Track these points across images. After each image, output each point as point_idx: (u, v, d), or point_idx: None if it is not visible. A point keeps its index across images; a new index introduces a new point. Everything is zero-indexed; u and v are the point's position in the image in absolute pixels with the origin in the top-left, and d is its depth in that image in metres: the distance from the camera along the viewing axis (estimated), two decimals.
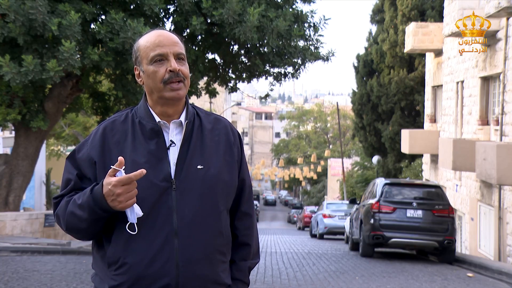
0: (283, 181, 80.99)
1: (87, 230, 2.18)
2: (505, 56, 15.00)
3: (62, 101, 13.61)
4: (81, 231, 2.19)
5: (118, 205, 2.06)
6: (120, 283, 2.16)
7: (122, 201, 2.05)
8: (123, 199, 2.05)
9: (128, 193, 2.05)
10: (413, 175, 26.45)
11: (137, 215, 2.10)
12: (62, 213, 2.20)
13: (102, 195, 2.07)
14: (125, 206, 2.07)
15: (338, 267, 11.91)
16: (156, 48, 2.20)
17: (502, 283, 10.71)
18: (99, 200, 2.08)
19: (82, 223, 2.15)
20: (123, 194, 2.05)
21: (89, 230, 2.18)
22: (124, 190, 2.04)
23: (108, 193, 2.06)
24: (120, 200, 2.05)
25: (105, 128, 2.26)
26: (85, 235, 2.23)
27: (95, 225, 2.16)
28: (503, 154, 13.26)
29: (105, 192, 2.06)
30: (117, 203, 2.06)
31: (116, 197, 2.05)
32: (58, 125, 25.07)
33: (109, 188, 2.05)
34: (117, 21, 11.00)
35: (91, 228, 2.17)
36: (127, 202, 2.06)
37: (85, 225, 2.15)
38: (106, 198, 2.07)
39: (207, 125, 2.30)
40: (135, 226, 2.12)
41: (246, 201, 2.39)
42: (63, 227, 2.23)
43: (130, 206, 2.08)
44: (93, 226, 2.16)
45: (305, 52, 13.14)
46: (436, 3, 26.91)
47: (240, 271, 2.36)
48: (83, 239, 2.27)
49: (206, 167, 2.22)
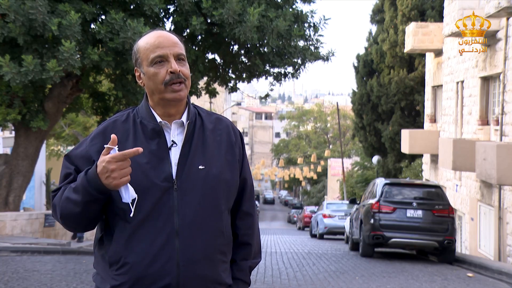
0: (283, 181, 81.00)
1: (81, 215, 2.15)
2: (505, 56, 15.00)
3: (62, 101, 13.61)
4: (75, 216, 2.16)
5: (113, 182, 2.05)
6: (121, 283, 2.16)
7: (116, 177, 2.04)
8: (117, 175, 2.04)
9: (122, 169, 2.04)
10: (413, 175, 26.45)
11: (131, 196, 2.09)
12: (58, 201, 2.19)
13: (96, 174, 2.06)
14: (119, 183, 2.06)
15: (338, 267, 11.91)
16: (156, 49, 2.19)
17: (502, 283, 10.71)
18: (93, 179, 2.07)
19: (76, 207, 2.13)
20: (117, 171, 2.04)
21: (83, 216, 2.15)
22: (118, 167, 2.04)
23: (102, 171, 2.05)
24: (114, 177, 2.04)
25: (106, 128, 2.26)
26: (79, 223, 2.19)
27: (89, 210, 2.14)
28: (503, 154, 13.26)
29: (99, 170, 2.05)
30: (111, 180, 2.05)
31: (110, 173, 2.04)
32: (58, 125, 25.07)
33: (103, 165, 2.04)
34: (117, 21, 11.00)
35: (85, 213, 2.14)
36: (121, 179, 2.05)
37: (78, 209, 2.13)
38: (100, 177, 2.06)
39: (208, 125, 2.30)
40: (130, 206, 2.11)
41: (247, 200, 2.39)
42: (58, 216, 2.20)
43: (124, 183, 2.07)
44: (87, 211, 2.13)
45: (305, 52, 13.15)
46: (436, 3, 26.91)
47: (241, 271, 2.36)
48: (77, 228, 2.24)
49: (208, 167, 2.22)
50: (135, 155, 2.05)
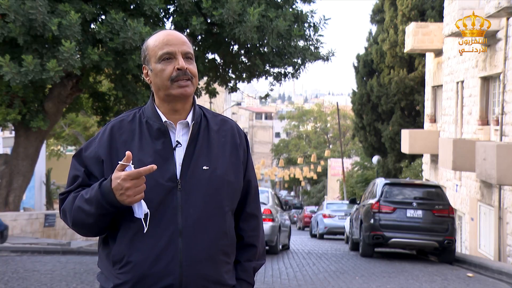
0: (283, 181, 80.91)
1: (93, 225, 2.18)
2: (505, 56, 15.00)
3: (62, 101, 13.61)
4: (87, 226, 2.19)
5: (126, 199, 2.07)
6: (124, 282, 2.16)
7: (130, 195, 2.06)
8: (132, 193, 2.06)
9: (137, 187, 2.06)
10: (413, 175, 26.45)
11: (144, 211, 2.11)
12: (69, 208, 2.20)
13: (110, 189, 2.08)
14: (133, 201, 2.07)
15: (338, 267, 11.91)
16: (165, 46, 2.22)
17: (502, 283, 10.71)
18: (107, 194, 2.09)
19: (88, 218, 2.15)
20: (132, 189, 2.05)
21: (95, 225, 2.18)
22: (133, 185, 2.05)
23: (116, 187, 2.06)
24: (128, 194, 2.06)
25: (112, 127, 2.26)
26: (91, 231, 2.22)
27: (101, 221, 2.16)
28: (503, 154, 13.26)
29: (114, 186, 2.07)
30: (125, 197, 2.06)
31: (125, 191, 2.05)
32: (58, 125, 25.06)
33: (118, 182, 2.05)
34: (117, 21, 11.00)
35: (97, 223, 2.17)
36: (135, 197, 2.07)
37: (91, 220, 2.15)
38: (114, 192, 2.07)
39: (213, 126, 2.31)
40: (142, 222, 2.12)
41: (252, 202, 2.40)
42: (69, 222, 2.23)
43: (137, 201, 2.09)
44: (99, 221, 2.16)
45: (305, 52, 13.15)
46: (436, 3, 26.91)
47: (245, 272, 2.36)
48: (88, 235, 2.26)
49: (212, 168, 2.23)
50: (150, 172, 2.06)
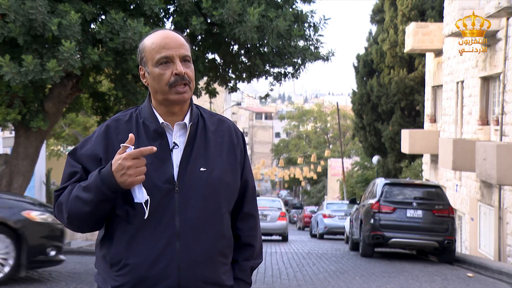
0: (283, 181, 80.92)
1: (90, 215, 2.14)
2: (505, 56, 15.00)
3: (62, 101, 13.60)
4: (83, 216, 2.14)
5: (128, 179, 2.05)
6: (122, 284, 2.16)
7: (131, 175, 2.04)
8: (133, 172, 2.04)
9: (137, 167, 2.05)
10: (413, 175, 26.45)
11: (144, 197, 2.09)
12: (65, 200, 2.17)
13: (111, 172, 2.06)
14: (134, 181, 2.05)
15: (338, 267, 11.92)
16: (162, 50, 2.19)
17: (502, 283, 10.71)
18: (107, 178, 2.07)
19: (86, 206, 2.11)
20: (133, 168, 2.04)
21: (92, 216, 2.14)
22: (134, 164, 2.04)
23: (117, 168, 2.05)
24: (129, 174, 2.04)
25: (109, 127, 2.25)
26: (87, 223, 2.18)
27: (99, 209, 2.13)
28: (503, 154, 13.27)
29: (115, 168, 2.05)
30: (126, 177, 2.04)
31: (126, 170, 2.04)
32: (58, 125, 25.05)
33: (119, 162, 2.05)
34: (117, 21, 10.99)
35: (94, 212, 2.13)
36: (136, 178, 2.05)
37: (89, 209, 2.12)
38: (114, 175, 2.05)
39: (210, 126, 2.30)
40: (143, 206, 2.10)
41: (249, 202, 2.39)
42: (64, 216, 2.18)
43: (139, 182, 2.07)
44: (97, 210, 2.13)
45: (305, 52, 13.13)
46: (436, 3, 26.91)
47: (243, 271, 2.36)
48: (84, 228, 2.22)
49: (210, 169, 2.22)
50: (150, 153, 2.06)
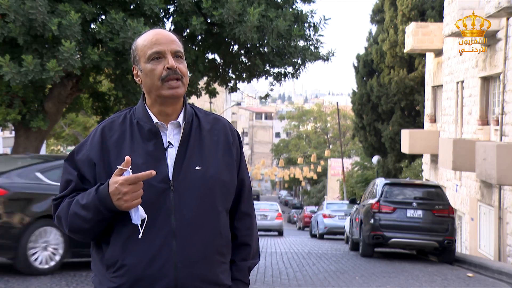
0: (283, 181, 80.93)
1: (90, 230, 2.17)
2: (505, 56, 15.00)
3: (62, 101, 13.60)
4: (84, 232, 2.19)
5: (124, 204, 2.06)
6: (118, 285, 2.15)
7: (128, 200, 2.05)
8: (129, 198, 2.05)
9: (134, 192, 2.05)
10: (413, 175, 26.45)
11: (141, 216, 2.10)
12: (64, 215, 2.19)
13: (107, 193, 2.07)
14: (130, 206, 2.07)
15: (338, 267, 11.91)
16: (153, 46, 2.20)
17: (502, 283, 10.71)
18: (104, 199, 2.08)
19: (85, 224, 2.14)
20: (129, 193, 2.05)
21: (92, 230, 2.18)
22: (130, 189, 2.04)
23: (114, 192, 2.05)
24: (126, 199, 2.05)
25: (103, 129, 2.25)
26: (88, 236, 2.22)
27: (98, 226, 2.16)
28: (503, 154, 13.27)
29: (111, 191, 2.06)
30: (122, 202, 2.06)
31: (122, 195, 2.05)
32: (58, 125, 25.08)
33: (116, 187, 2.04)
34: (117, 21, 10.99)
35: (94, 228, 2.16)
36: (133, 202, 2.06)
37: (88, 226, 2.15)
38: (111, 197, 2.06)
39: (205, 125, 2.29)
40: (139, 227, 2.11)
41: (245, 201, 2.38)
42: (65, 229, 2.21)
43: (135, 206, 2.07)
44: (96, 226, 2.16)
45: (305, 52, 13.13)
46: (436, 3, 26.91)
47: (240, 271, 2.35)
48: (85, 239, 2.25)
49: (205, 168, 2.21)
50: (148, 178, 2.05)
